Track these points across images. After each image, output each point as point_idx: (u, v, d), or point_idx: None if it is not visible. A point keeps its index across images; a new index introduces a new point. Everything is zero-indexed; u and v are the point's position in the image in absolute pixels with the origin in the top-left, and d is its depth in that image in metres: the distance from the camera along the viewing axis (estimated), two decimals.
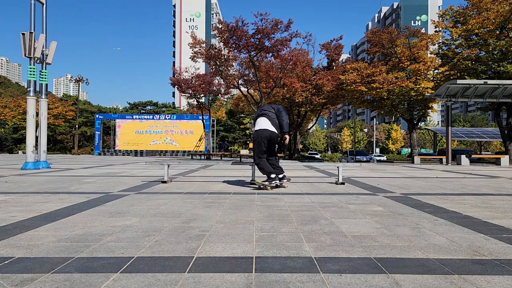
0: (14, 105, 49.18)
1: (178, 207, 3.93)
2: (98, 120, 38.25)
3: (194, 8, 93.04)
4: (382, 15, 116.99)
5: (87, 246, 2.34)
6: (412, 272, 1.87)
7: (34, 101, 10.77)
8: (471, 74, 21.77)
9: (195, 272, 1.85)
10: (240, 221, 3.20)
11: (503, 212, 3.78)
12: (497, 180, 8.08)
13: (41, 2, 11.11)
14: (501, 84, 17.22)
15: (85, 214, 3.48)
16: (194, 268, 1.92)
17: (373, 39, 26.87)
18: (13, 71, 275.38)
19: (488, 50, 21.17)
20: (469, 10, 22.26)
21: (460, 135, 32.19)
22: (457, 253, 2.24)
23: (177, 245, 2.38)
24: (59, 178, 7.72)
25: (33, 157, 10.70)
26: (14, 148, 47.54)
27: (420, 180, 7.86)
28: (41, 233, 2.69)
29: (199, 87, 25.62)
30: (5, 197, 4.62)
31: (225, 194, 5.01)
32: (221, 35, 20.80)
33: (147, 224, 3.02)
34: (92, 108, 54.82)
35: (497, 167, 16.11)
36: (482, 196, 5.15)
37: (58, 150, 48.22)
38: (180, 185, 6.36)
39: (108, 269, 1.89)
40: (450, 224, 3.10)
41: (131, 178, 7.86)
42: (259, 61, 22.27)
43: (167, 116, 39.22)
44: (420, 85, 23.53)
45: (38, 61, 10.99)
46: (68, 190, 5.49)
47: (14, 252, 2.19)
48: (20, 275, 1.80)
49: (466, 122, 68.20)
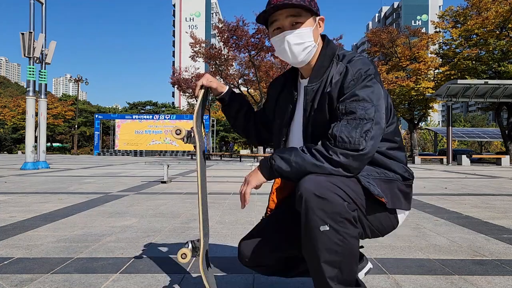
0: (14, 105, 49.14)
1: (178, 207, 3.92)
2: (98, 120, 38.20)
3: (194, 8, 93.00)
4: (382, 14, 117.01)
5: (87, 246, 2.33)
6: (412, 272, 1.87)
7: (33, 101, 10.76)
8: (472, 74, 21.78)
9: (195, 273, 1.85)
10: (240, 221, 3.19)
11: (504, 212, 3.77)
12: (497, 180, 8.07)
13: (41, 2, 11.09)
14: (501, 84, 17.21)
15: (85, 214, 3.47)
16: (194, 268, 1.91)
17: (373, 39, 26.89)
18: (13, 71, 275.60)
19: (488, 50, 21.17)
20: (469, 10, 22.25)
21: (461, 135, 32.18)
22: (458, 253, 2.23)
23: (177, 245, 2.37)
24: (58, 178, 7.71)
25: (32, 157, 10.69)
26: (13, 148, 47.50)
27: (421, 180, 7.86)
28: (40, 233, 2.69)
29: None
30: (5, 197, 4.61)
31: (225, 194, 5.01)
32: (221, 35, 20.80)
33: (146, 225, 3.01)
34: (92, 108, 54.79)
35: (497, 167, 16.11)
36: (482, 196, 5.15)
37: (58, 150, 48.20)
38: (180, 185, 6.35)
39: (107, 269, 1.89)
40: (451, 225, 3.09)
41: (130, 178, 7.85)
42: (259, 61, 22.26)
43: (167, 116, 39.17)
44: (421, 85, 23.53)
45: (38, 61, 10.98)
46: (68, 190, 5.48)
47: (14, 253, 2.18)
48: (19, 275, 1.79)
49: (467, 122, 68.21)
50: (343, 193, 1.09)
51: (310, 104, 1.26)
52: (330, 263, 1.09)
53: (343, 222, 1.08)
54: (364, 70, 1.17)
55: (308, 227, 1.09)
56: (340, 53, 1.27)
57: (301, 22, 1.22)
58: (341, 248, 1.08)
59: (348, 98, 1.15)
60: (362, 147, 1.10)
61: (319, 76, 1.26)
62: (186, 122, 38.17)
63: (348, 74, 1.18)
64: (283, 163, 1.14)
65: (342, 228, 1.08)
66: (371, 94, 1.15)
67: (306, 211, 1.08)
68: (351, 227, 1.09)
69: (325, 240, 1.07)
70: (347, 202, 1.09)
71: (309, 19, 1.23)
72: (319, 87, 1.25)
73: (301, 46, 1.23)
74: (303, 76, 1.34)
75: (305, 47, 1.24)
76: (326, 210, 1.06)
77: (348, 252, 1.10)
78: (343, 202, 1.08)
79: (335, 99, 1.19)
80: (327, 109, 1.21)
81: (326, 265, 1.09)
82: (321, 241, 1.07)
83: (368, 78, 1.17)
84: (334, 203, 1.07)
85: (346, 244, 1.09)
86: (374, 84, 1.17)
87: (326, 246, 1.07)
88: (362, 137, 1.10)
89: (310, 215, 1.08)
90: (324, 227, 1.07)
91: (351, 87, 1.16)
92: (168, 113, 44.00)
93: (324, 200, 1.06)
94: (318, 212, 1.07)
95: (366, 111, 1.12)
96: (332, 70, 1.24)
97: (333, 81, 1.21)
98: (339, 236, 1.07)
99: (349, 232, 1.09)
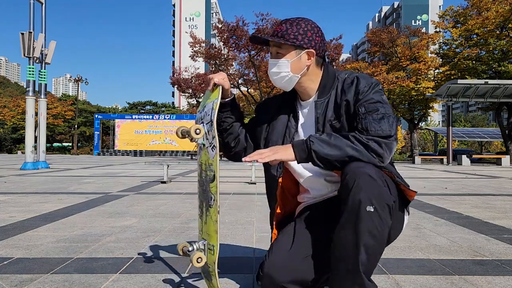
0: (13, 105, 49.12)
1: (178, 207, 3.92)
2: (97, 120, 38.20)
3: (193, 8, 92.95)
4: (382, 14, 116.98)
5: (87, 246, 2.33)
6: (412, 272, 1.86)
7: (33, 101, 10.76)
8: (472, 74, 21.77)
9: (195, 273, 1.84)
10: (240, 221, 3.19)
11: (504, 212, 3.77)
12: (497, 180, 8.07)
13: (41, 2, 11.09)
14: (502, 84, 17.21)
15: (85, 214, 3.47)
16: (194, 268, 1.91)
17: (373, 39, 26.88)
18: (12, 71, 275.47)
19: (488, 50, 21.17)
20: (469, 10, 22.25)
21: (461, 135, 32.17)
22: (458, 253, 2.23)
23: (177, 245, 2.37)
24: (58, 178, 7.71)
25: (32, 157, 10.69)
26: (13, 148, 47.49)
27: (421, 180, 7.86)
28: (40, 233, 2.69)
29: (199, 86, 25.64)
30: (4, 197, 4.61)
31: (225, 194, 5.00)
32: (221, 35, 20.81)
33: (146, 225, 3.01)
34: (91, 108, 54.76)
35: (498, 167, 16.11)
36: (483, 196, 5.15)
37: (57, 150, 48.19)
38: (180, 185, 6.35)
39: (107, 269, 1.89)
40: (451, 225, 3.09)
41: (130, 178, 7.85)
42: (259, 61, 22.26)
43: (167, 116, 39.15)
44: (421, 85, 23.53)
45: (37, 60, 10.98)
46: (67, 190, 5.48)
47: (13, 253, 2.18)
48: (19, 275, 1.79)
49: (467, 122, 68.15)
50: (386, 183, 1.20)
51: (323, 116, 1.37)
52: (367, 247, 1.12)
53: (385, 208, 1.14)
54: (373, 81, 1.34)
55: (354, 206, 1.13)
56: (339, 72, 1.43)
57: (282, 54, 1.36)
58: (379, 233, 1.13)
59: (367, 100, 1.29)
60: (392, 133, 1.23)
61: (326, 92, 1.39)
62: (186, 122, 38.18)
63: (360, 82, 1.32)
64: (323, 145, 1.21)
65: (383, 213, 1.14)
66: (385, 98, 1.33)
67: (356, 190, 1.13)
68: (389, 215, 1.16)
69: (368, 221, 1.12)
70: (389, 190, 1.19)
71: (290, 52, 1.35)
72: (328, 100, 1.38)
73: (278, 75, 1.38)
74: (302, 98, 1.46)
75: (281, 76, 1.37)
76: (374, 192, 1.13)
77: (381, 241, 1.16)
78: (388, 189, 1.19)
79: (352, 104, 1.32)
80: (344, 113, 1.33)
81: (363, 248, 1.12)
82: (364, 222, 1.12)
83: (379, 86, 1.34)
84: (381, 187, 1.15)
85: (383, 231, 1.15)
86: (382, 90, 1.35)
87: (369, 228, 1.12)
88: (391, 126, 1.23)
89: (360, 194, 1.12)
90: (370, 207, 1.12)
91: (366, 92, 1.30)
92: (168, 113, 43.96)
93: (375, 182, 1.14)
94: (369, 191, 1.12)
95: (386, 109, 1.27)
96: (338, 85, 1.38)
97: (346, 90, 1.34)
98: (380, 221, 1.13)
99: (387, 220, 1.15)
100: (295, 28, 1.34)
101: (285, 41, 1.33)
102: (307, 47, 1.36)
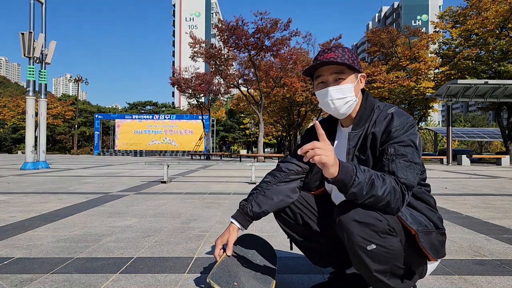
0: (13, 105, 49.11)
1: (178, 207, 3.92)
2: (97, 120, 38.20)
3: (194, 8, 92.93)
4: (382, 14, 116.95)
5: (87, 246, 2.33)
6: None
7: (33, 101, 10.76)
8: (472, 74, 21.76)
9: (195, 273, 1.84)
10: None
11: (504, 212, 3.77)
12: (497, 180, 8.07)
13: (41, 2, 11.09)
14: (501, 84, 17.20)
15: (85, 214, 3.47)
16: (194, 268, 1.91)
17: (373, 39, 26.87)
18: (12, 71, 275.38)
19: (488, 50, 21.16)
20: (469, 10, 22.24)
21: (461, 135, 32.16)
22: (458, 253, 2.23)
23: (177, 245, 2.37)
24: (58, 178, 7.71)
25: (32, 157, 10.69)
26: (13, 148, 47.48)
27: None
28: (40, 233, 2.69)
29: (199, 86, 25.60)
30: (5, 197, 4.61)
31: (224, 194, 5.01)
32: (221, 35, 20.78)
33: (146, 225, 3.01)
34: (91, 108, 54.74)
35: (498, 167, 16.11)
36: (482, 196, 5.15)
37: (57, 150, 48.18)
38: (180, 185, 6.35)
39: (107, 269, 1.89)
40: (451, 225, 3.09)
41: (130, 178, 7.85)
42: (259, 61, 22.24)
43: (167, 116, 39.15)
44: (421, 85, 23.52)
45: (38, 60, 10.98)
46: (68, 190, 5.48)
47: (14, 253, 2.18)
48: (19, 275, 1.79)
49: (467, 122, 68.12)
50: (379, 215, 1.22)
51: (354, 149, 1.38)
52: (380, 271, 1.23)
53: (385, 235, 1.21)
54: (409, 121, 1.31)
55: (356, 252, 1.22)
56: (379, 104, 1.41)
57: (343, 79, 1.35)
58: (388, 256, 1.23)
59: (397, 142, 1.28)
60: (415, 185, 1.25)
61: (361, 124, 1.39)
62: (185, 122, 38.17)
63: (394, 120, 1.31)
64: (363, 175, 1.18)
65: (386, 242, 1.21)
66: (417, 142, 1.30)
67: (349, 236, 1.22)
68: (392, 238, 1.22)
69: (374, 257, 1.22)
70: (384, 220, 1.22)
71: (351, 76, 1.36)
72: (361, 134, 1.38)
73: (343, 100, 1.36)
74: (343, 125, 1.48)
75: (347, 101, 1.36)
76: (367, 231, 1.20)
77: (394, 257, 1.24)
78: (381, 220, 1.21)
79: (378, 140, 1.31)
80: (369, 147, 1.34)
81: (377, 273, 1.23)
82: (369, 257, 1.22)
83: (413, 127, 1.31)
84: (371, 224, 1.20)
85: (392, 251, 1.23)
86: (417, 133, 1.32)
87: (375, 260, 1.22)
88: (414, 178, 1.25)
89: (354, 238, 1.21)
90: (371, 246, 1.20)
91: (398, 132, 1.29)
92: (168, 113, 43.96)
93: (363, 224, 1.20)
94: (362, 233, 1.20)
95: (414, 155, 1.27)
96: (374, 117, 1.37)
97: (377, 125, 1.33)
98: (385, 250, 1.22)
99: (392, 241, 1.22)
100: (347, 53, 1.34)
101: (351, 61, 1.33)
102: (360, 71, 1.39)
